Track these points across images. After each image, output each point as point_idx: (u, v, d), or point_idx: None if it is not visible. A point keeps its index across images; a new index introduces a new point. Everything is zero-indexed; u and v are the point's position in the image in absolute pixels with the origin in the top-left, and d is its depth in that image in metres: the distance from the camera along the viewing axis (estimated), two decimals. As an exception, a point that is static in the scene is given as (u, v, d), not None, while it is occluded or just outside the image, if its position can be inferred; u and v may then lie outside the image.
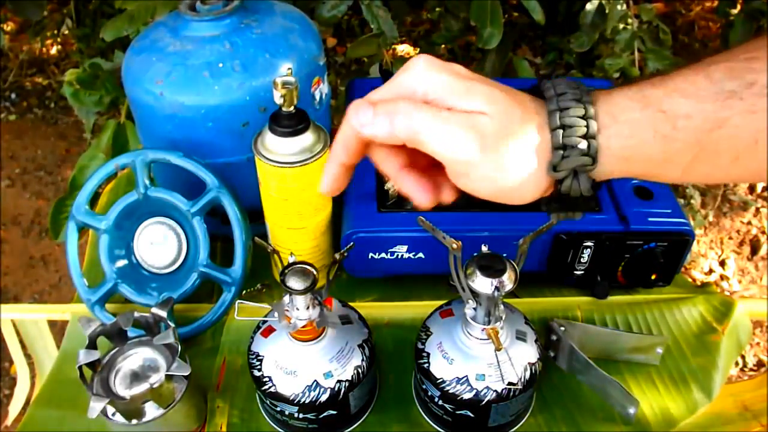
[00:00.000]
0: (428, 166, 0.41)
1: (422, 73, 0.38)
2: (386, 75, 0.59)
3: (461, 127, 0.36)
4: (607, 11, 1.30)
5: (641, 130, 0.36)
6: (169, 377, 0.54)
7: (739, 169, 0.36)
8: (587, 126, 0.36)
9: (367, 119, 0.38)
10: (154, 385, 0.53)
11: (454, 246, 0.52)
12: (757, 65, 0.34)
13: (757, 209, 1.92)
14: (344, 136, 0.40)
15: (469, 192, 0.39)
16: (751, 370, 1.54)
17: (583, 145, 0.36)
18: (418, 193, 0.41)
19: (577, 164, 0.36)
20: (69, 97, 1.13)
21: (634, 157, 0.37)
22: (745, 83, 0.34)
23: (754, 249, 1.83)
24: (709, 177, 0.38)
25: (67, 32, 1.82)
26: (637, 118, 0.36)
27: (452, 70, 0.38)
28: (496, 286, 0.50)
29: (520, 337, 0.56)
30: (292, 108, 0.58)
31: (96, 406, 0.51)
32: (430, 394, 0.57)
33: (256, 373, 0.56)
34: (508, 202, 0.39)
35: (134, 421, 0.54)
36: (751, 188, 1.99)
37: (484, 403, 0.54)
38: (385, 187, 0.68)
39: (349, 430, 0.60)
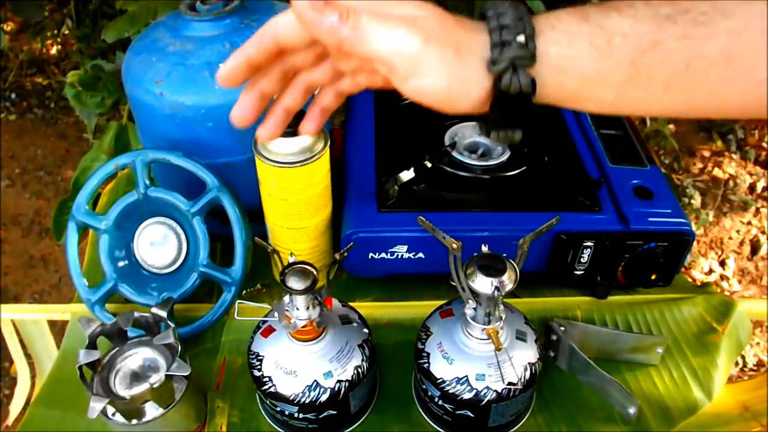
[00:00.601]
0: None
1: None
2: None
3: (402, 23, 0.37)
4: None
5: (578, 41, 0.37)
6: (169, 377, 0.54)
7: (670, 98, 0.37)
8: (525, 28, 0.37)
9: (319, 7, 0.37)
10: (154, 385, 0.53)
11: (454, 246, 0.52)
12: None
13: (757, 209, 1.92)
14: (266, 30, 0.41)
15: (415, 97, 0.39)
16: (751, 370, 1.54)
17: (521, 38, 0.37)
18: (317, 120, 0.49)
19: (514, 55, 0.37)
20: (71, 99, 1.14)
21: (569, 70, 0.38)
22: (681, 10, 0.36)
23: (754, 249, 1.83)
24: (640, 105, 0.39)
25: (67, 32, 1.82)
26: (574, 30, 0.37)
27: None
28: (496, 286, 0.50)
29: (520, 337, 0.56)
30: (292, 108, 0.58)
31: (96, 406, 0.51)
32: (430, 394, 0.57)
33: (256, 373, 0.56)
34: (452, 107, 0.39)
35: (134, 421, 0.54)
36: (751, 188, 1.99)
37: (484, 403, 0.54)
38: (385, 187, 0.68)
39: (349, 430, 0.60)
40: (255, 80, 0.45)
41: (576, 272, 0.69)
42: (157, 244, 0.67)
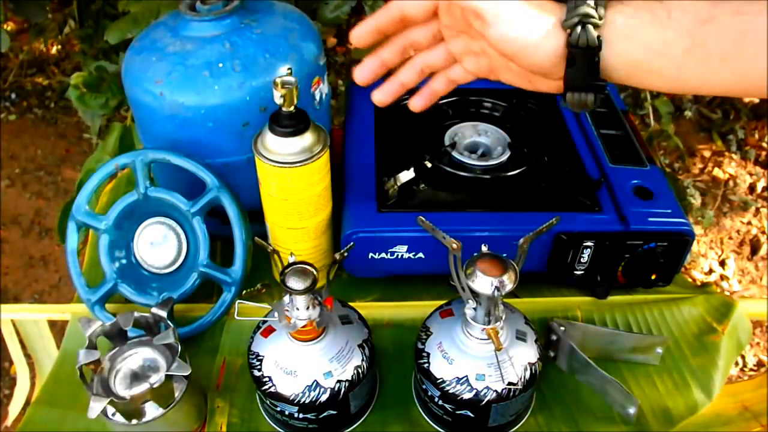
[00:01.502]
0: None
1: None
2: (387, 76, 0.60)
3: None
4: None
5: (641, 11, 0.42)
6: (169, 377, 0.54)
7: (728, 72, 0.41)
8: None
9: None
10: (154, 385, 0.53)
11: (454, 246, 0.52)
12: None
13: (757, 209, 1.92)
14: (389, 6, 0.51)
15: (499, 44, 0.46)
16: (751, 370, 1.54)
17: (591, 2, 0.43)
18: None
19: (584, 12, 0.42)
20: (75, 101, 1.13)
21: (633, 37, 0.43)
22: None
23: (754, 249, 1.83)
24: (701, 81, 0.43)
25: (69, 33, 1.82)
26: (639, 2, 0.43)
27: None
28: (496, 286, 0.50)
29: (520, 337, 0.56)
30: (292, 108, 0.58)
31: (96, 406, 0.51)
32: (430, 394, 0.57)
33: (256, 373, 0.56)
34: (530, 56, 0.45)
35: (134, 421, 0.54)
36: (751, 188, 1.99)
37: (484, 403, 0.54)
38: (385, 187, 0.68)
39: (349, 430, 0.60)
40: (378, 49, 0.54)
41: (576, 272, 0.69)
42: (157, 244, 0.67)
